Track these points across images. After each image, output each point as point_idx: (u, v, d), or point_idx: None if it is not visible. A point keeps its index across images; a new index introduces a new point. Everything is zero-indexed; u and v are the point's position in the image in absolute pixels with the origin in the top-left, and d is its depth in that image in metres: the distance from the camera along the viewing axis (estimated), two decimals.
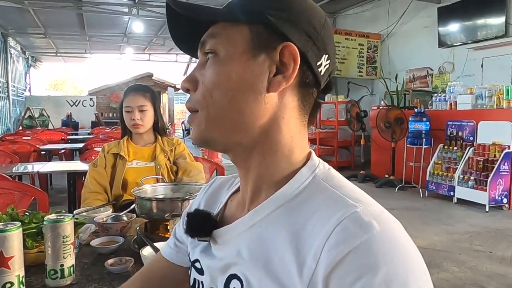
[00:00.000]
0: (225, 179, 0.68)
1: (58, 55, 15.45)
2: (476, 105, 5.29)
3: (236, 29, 0.51)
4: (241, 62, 0.50)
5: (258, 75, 0.50)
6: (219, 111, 0.51)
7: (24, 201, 1.89)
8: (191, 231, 0.58)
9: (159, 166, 1.91)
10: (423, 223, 4.12)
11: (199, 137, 0.54)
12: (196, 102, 0.53)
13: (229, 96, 0.51)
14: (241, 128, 0.51)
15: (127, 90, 1.97)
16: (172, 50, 14.82)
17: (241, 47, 0.50)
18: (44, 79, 32.27)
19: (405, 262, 0.41)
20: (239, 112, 0.51)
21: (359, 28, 8.30)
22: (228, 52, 0.51)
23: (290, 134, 0.53)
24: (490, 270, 2.90)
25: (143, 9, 9.04)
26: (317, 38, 0.52)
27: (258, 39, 0.50)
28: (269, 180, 0.53)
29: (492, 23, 6.03)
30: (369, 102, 7.80)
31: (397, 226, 0.44)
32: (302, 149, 0.54)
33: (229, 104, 0.51)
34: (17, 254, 0.87)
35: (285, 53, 0.50)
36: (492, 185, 4.54)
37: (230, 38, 0.51)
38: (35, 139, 5.59)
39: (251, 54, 0.50)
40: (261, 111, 0.51)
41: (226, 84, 0.51)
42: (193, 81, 0.54)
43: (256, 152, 0.53)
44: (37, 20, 10.09)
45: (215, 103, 0.51)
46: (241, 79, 0.50)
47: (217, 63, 0.51)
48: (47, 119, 12.05)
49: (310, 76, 0.52)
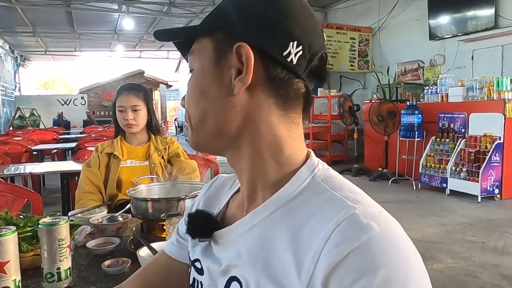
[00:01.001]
0: (227, 178, 0.68)
1: (47, 53, 15.27)
2: (467, 97, 5.34)
3: (203, 42, 0.53)
4: (208, 72, 0.53)
5: (222, 81, 0.51)
6: (195, 121, 0.55)
7: (17, 203, 1.87)
8: (192, 232, 0.58)
9: (153, 164, 1.91)
10: (416, 215, 4.17)
11: (190, 144, 0.59)
12: (185, 115, 0.58)
13: (201, 107, 0.54)
14: (219, 134, 0.53)
15: (120, 89, 1.95)
16: (163, 47, 14.74)
17: (207, 59, 0.53)
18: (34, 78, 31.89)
19: (404, 263, 0.41)
20: (213, 120, 0.53)
21: (350, 22, 8.31)
22: (199, 65, 0.54)
23: (273, 133, 0.51)
24: (483, 260, 2.95)
25: (132, 6, 8.96)
26: (276, 28, 0.49)
27: (218, 47, 0.52)
28: (263, 181, 0.53)
29: (482, 15, 6.07)
30: (361, 95, 7.83)
31: (396, 227, 0.45)
32: (296, 148, 0.53)
33: (202, 114, 0.54)
34: (12, 258, 0.86)
35: (241, 54, 0.49)
36: (484, 176, 4.60)
37: (199, 52, 0.54)
38: (27, 139, 5.53)
39: (214, 63, 0.52)
40: (232, 115, 0.51)
41: (197, 96, 0.54)
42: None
43: (243, 154, 0.53)
44: (25, 18, 9.95)
45: (194, 113, 0.55)
46: (207, 88, 0.53)
47: (191, 77, 0.55)
48: (38, 119, 11.91)
49: (279, 69, 0.50)
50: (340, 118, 7.03)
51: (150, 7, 9.16)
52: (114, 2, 8.87)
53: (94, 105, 16.33)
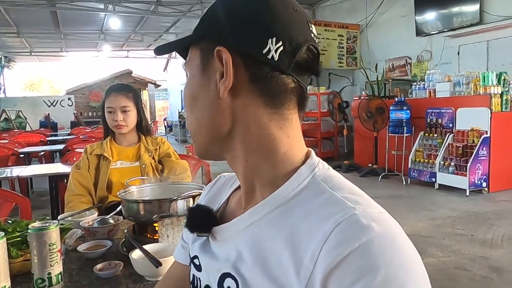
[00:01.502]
0: (228, 176, 0.68)
1: (32, 54, 15.02)
2: (454, 92, 5.40)
3: (193, 51, 0.56)
4: (197, 79, 0.55)
5: (209, 86, 0.53)
6: (192, 128, 0.57)
7: (5, 208, 1.84)
8: (191, 225, 0.59)
9: (144, 165, 1.89)
10: (407, 210, 4.21)
11: (196, 153, 0.60)
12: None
13: (194, 113, 0.56)
14: (213, 139, 0.55)
15: (109, 90, 1.93)
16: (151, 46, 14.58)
17: (196, 66, 0.55)
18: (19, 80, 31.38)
19: (404, 264, 0.41)
20: (205, 124, 0.55)
21: (338, 19, 8.34)
22: (190, 73, 0.56)
23: (265, 132, 0.51)
24: (472, 253, 2.99)
25: (119, 5, 8.85)
26: (251, 27, 0.49)
27: (203, 54, 0.53)
28: (260, 180, 0.53)
29: (467, 11, 6.14)
30: (350, 92, 7.87)
31: (396, 228, 0.45)
32: (292, 146, 0.52)
33: (195, 120, 0.56)
34: (1, 264, 0.85)
35: (222, 57, 0.50)
36: (472, 170, 4.66)
37: (190, 61, 0.56)
38: (13, 142, 5.43)
39: (202, 69, 0.54)
40: (222, 118, 0.52)
41: (189, 103, 0.56)
42: None
43: (237, 156, 0.54)
44: (8, 18, 9.76)
45: (189, 122, 0.58)
46: (198, 94, 0.55)
47: (185, 85, 0.58)
48: (24, 121, 11.71)
49: (261, 68, 0.49)
50: (330, 115, 7.06)
51: (137, 6, 9.07)
52: (100, 1, 8.76)
53: (82, 106, 16.14)
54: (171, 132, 16.18)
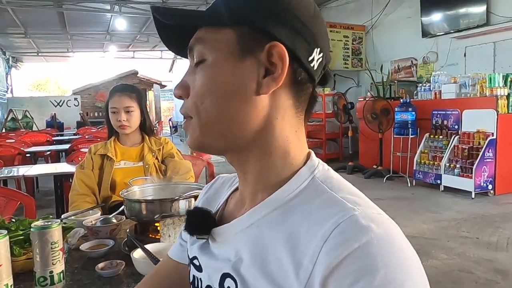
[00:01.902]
0: (227, 177, 0.68)
1: (39, 55, 15.15)
2: (460, 94, 5.37)
3: (221, 33, 0.50)
4: (229, 67, 0.49)
5: (246, 79, 0.49)
6: (210, 118, 0.51)
7: (10, 207, 1.86)
8: (190, 228, 0.58)
9: (148, 165, 1.90)
10: (411, 211, 4.19)
11: (194, 144, 0.54)
12: (188, 108, 0.53)
13: (219, 103, 0.50)
14: (233, 133, 0.51)
15: (112, 90, 1.94)
16: (156, 47, 14.66)
17: (227, 51, 0.49)
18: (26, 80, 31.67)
19: (403, 265, 0.41)
20: (230, 117, 0.50)
21: (343, 20, 8.32)
22: (215, 57, 0.50)
23: (285, 134, 0.52)
24: (477, 255, 2.97)
25: (125, 6, 8.91)
26: (306, 33, 0.50)
27: (244, 41, 0.49)
28: (266, 182, 0.53)
29: (474, 12, 6.10)
30: (355, 93, 7.85)
31: (395, 229, 0.44)
32: (299, 148, 0.53)
33: (219, 111, 0.50)
34: (4, 262, 0.86)
35: (273, 53, 0.48)
36: (478, 172, 4.63)
37: (216, 43, 0.50)
38: (19, 141, 5.48)
39: (238, 58, 0.49)
40: (252, 114, 0.50)
41: (215, 91, 0.50)
42: (184, 88, 0.53)
43: (251, 155, 0.52)
44: (16, 19, 9.86)
45: (206, 110, 0.51)
46: (230, 84, 0.49)
47: (205, 69, 0.51)
48: (30, 121, 11.81)
49: (302, 73, 0.50)
50: (335, 116, 7.04)
51: (143, 7, 9.10)
52: (106, 2, 8.81)
53: (88, 106, 16.24)
54: (176, 132, 16.24)
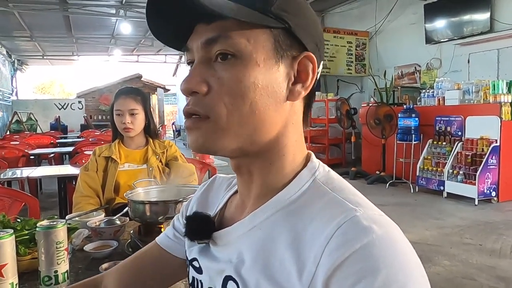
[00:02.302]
0: (224, 178, 0.68)
1: (45, 58, 15.24)
2: (463, 100, 5.37)
3: (258, 32, 0.47)
4: (266, 69, 0.48)
5: (280, 84, 0.49)
6: (239, 121, 0.48)
7: (15, 207, 1.87)
8: (190, 234, 0.58)
9: (151, 168, 1.91)
10: (414, 218, 4.17)
11: (206, 146, 0.50)
12: (209, 107, 0.48)
13: (253, 106, 0.48)
14: (256, 137, 0.50)
15: (118, 93, 1.96)
16: (161, 51, 14.75)
17: (264, 53, 0.48)
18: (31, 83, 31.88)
19: (404, 266, 0.41)
20: (260, 121, 0.49)
21: (347, 26, 8.36)
22: (251, 56, 0.47)
23: (295, 138, 0.53)
24: (480, 262, 2.95)
25: (130, 10, 8.98)
26: (321, 47, 0.53)
27: (280, 45, 0.48)
28: (272, 184, 0.53)
29: (478, 19, 6.12)
30: (358, 99, 7.86)
31: (397, 231, 0.45)
32: (301, 149, 0.55)
33: (251, 114, 0.48)
34: (10, 261, 0.86)
35: (304, 63, 0.50)
36: (481, 179, 4.61)
37: (252, 41, 0.47)
38: (24, 143, 5.52)
39: (274, 61, 0.48)
40: (278, 119, 0.50)
41: (251, 93, 0.47)
42: (205, 83, 0.48)
43: (264, 158, 0.52)
44: (22, 23, 9.94)
45: (237, 112, 0.48)
46: (266, 87, 0.48)
47: (239, 68, 0.47)
48: (35, 123, 11.89)
49: (314, 83, 0.53)
50: (338, 121, 7.05)
51: None
52: (112, 6, 8.89)
53: (92, 109, 16.30)
54: (179, 136, 16.27)
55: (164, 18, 0.50)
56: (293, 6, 0.49)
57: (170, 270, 0.69)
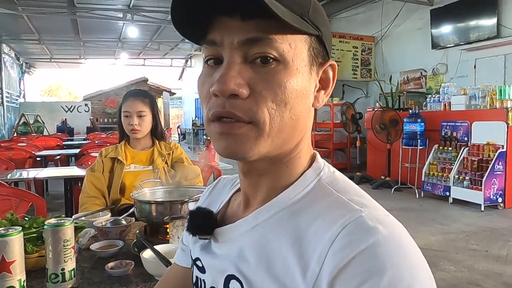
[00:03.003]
0: (228, 179, 0.68)
1: (52, 61, 15.43)
2: (470, 105, 5.34)
3: (298, 37, 0.47)
4: (304, 76, 0.48)
5: (311, 90, 0.51)
6: (279, 127, 0.47)
7: (22, 207, 1.89)
8: (192, 228, 0.59)
9: (157, 169, 1.92)
10: (419, 223, 4.15)
11: (241, 153, 0.47)
12: (252, 112, 0.46)
13: (293, 111, 0.48)
14: (289, 142, 0.50)
15: (126, 94, 1.97)
16: (167, 55, 14.87)
17: (303, 59, 0.48)
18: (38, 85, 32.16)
19: (410, 267, 0.41)
20: (294, 127, 0.49)
21: (353, 31, 8.36)
22: (294, 62, 0.47)
23: (307, 141, 0.54)
24: (486, 268, 2.93)
25: (137, 14, 9.06)
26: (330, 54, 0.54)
27: (314, 53, 0.50)
28: (281, 184, 0.53)
29: (484, 25, 6.09)
30: (364, 104, 7.84)
31: (403, 231, 0.44)
32: (309, 150, 0.55)
33: (290, 119, 0.48)
34: (18, 258, 0.87)
35: (328, 70, 0.53)
36: (487, 185, 4.58)
37: (293, 46, 0.47)
38: (31, 145, 5.56)
39: (309, 68, 0.49)
40: (306, 124, 0.52)
41: (292, 99, 0.47)
42: (247, 86, 0.46)
43: (282, 161, 0.52)
44: (31, 26, 10.07)
45: (279, 118, 0.47)
46: (302, 94, 0.48)
47: (284, 73, 0.46)
48: (42, 125, 11.99)
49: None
50: (343, 126, 7.04)
51: (154, 16, 9.25)
52: (119, 10, 8.97)
53: (98, 112, 16.41)
54: (184, 139, 16.31)
55: (192, 4, 0.46)
56: (321, 15, 0.50)
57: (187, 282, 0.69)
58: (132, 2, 8.44)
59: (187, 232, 0.60)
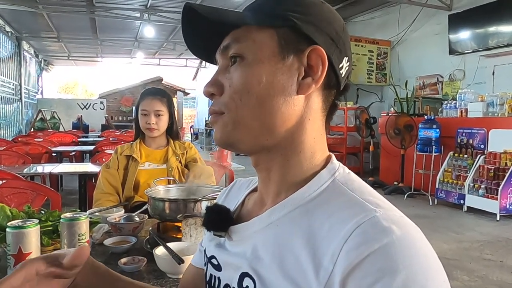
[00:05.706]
0: (244, 180, 0.69)
1: (70, 58, 15.68)
2: (487, 112, 5.24)
3: (263, 33, 0.52)
4: (271, 65, 0.51)
5: (287, 78, 0.51)
6: (248, 114, 0.52)
7: (37, 201, 1.92)
8: (208, 224, 0.59)
9: (171, 168, 1.93)
10: (432, 231, 4.08)
11: (224, 139, 0.54)
12: (223, 104, 0.53)
13: (260, 99, 0.51)
14: (269, 130, 0.52)
15: (145, 93, 1.99)
16: (182, 55, 14.96)
17: (269, 50, 0.51)
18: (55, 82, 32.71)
19: (424, 268, 0.41)
20: (268, 114, 0.51)
21: (368, 35, 8.30)
22: (256, 55, 0.51)
23: (313, 135, 0.54)
24: (501, 279, 2.87)
25: (154, 14, 9.15)
26: (339, 41, 0.53)
27: (285, 42, 0.51)
28: (290, 182, 0.53)
29: (504, 31, 5.98)
30: (378, 108, 7.77)
31: (417, 232, 0.44)
32: (323, 151, 0.55)
33: (259, 107, 0.51)
34: (34, 250, 0.89)
35: (313, 56, 0.51)
36: (503, 194, 4.48)
37: (257, 42, 0.52)
38: (47, 141, 5.66)
39: (279, 57, 0.51)
40: (289, 113, 0.52)
41: (256, 87, 0.51)
42: (218, 86, 0.54)
43: (280, 154, 0.54)
44: (50, 24, 10.26)
45: (245, 106, 0.51)
46: (271, 82, 0.51)
47: (245, 66, 0.52)
48: (58, 122, 12.18)
49: (333, 78, 0.54)
50: (356, 130, 6.99)
51: (171, 16, 9.33)
52: (136, 10, 9.08)
53: (113, 110, 16.60)
54: (197, 139, 16.41)
55: (197, 37, 0.57)
56: (302, 7, 0.52)
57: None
58: (149, 2, 8.53)
59: (202, 226, 0.61)
